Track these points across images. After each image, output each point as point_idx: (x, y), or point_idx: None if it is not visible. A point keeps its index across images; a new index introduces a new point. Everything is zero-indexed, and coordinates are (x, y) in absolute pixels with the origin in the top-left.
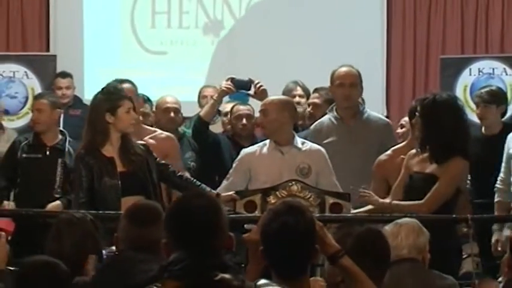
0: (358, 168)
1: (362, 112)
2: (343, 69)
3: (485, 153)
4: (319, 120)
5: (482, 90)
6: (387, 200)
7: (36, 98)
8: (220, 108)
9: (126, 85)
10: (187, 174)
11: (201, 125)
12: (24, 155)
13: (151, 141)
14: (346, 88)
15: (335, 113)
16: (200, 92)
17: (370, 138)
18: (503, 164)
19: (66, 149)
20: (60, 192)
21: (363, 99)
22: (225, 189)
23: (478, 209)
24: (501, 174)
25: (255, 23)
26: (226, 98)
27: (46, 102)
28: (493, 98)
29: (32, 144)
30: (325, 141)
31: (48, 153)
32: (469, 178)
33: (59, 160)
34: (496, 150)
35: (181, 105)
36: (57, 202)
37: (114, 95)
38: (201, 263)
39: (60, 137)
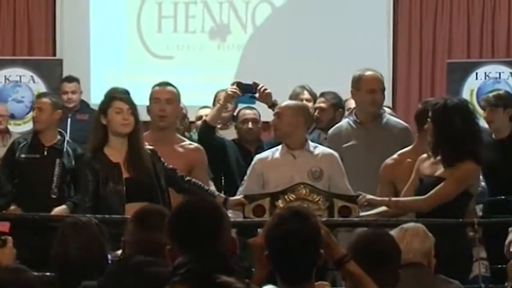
0: (377, 171)
1: (381, 116)
2: (370, 73)
3: (496, 157)
4: (337, 125)
5: (489, 94)
6: (386, 198)
7: (39, 96)
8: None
9: (169, 88)
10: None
11: (207, 129)
12: (22, 156)
13: (179, 149)
14: (377, 94)
15: (354, 117)
16: (216, 96)
17: (390, 142)
18: None
19: (65, 150)
20: (57, 192)
21: None
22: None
23: (488, 209)
24: None
25: (261, 27)
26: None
27: (48, 102)
28: (500, 101)
29: (30, 144)
30: (344, 145)
31: (46, 153)
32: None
33: (57, 160)
34: (506, 154)
35: (188, 110)
36: (63, 206)
37: (106, 96)
38: (203, 266)
39: (58, 137)
